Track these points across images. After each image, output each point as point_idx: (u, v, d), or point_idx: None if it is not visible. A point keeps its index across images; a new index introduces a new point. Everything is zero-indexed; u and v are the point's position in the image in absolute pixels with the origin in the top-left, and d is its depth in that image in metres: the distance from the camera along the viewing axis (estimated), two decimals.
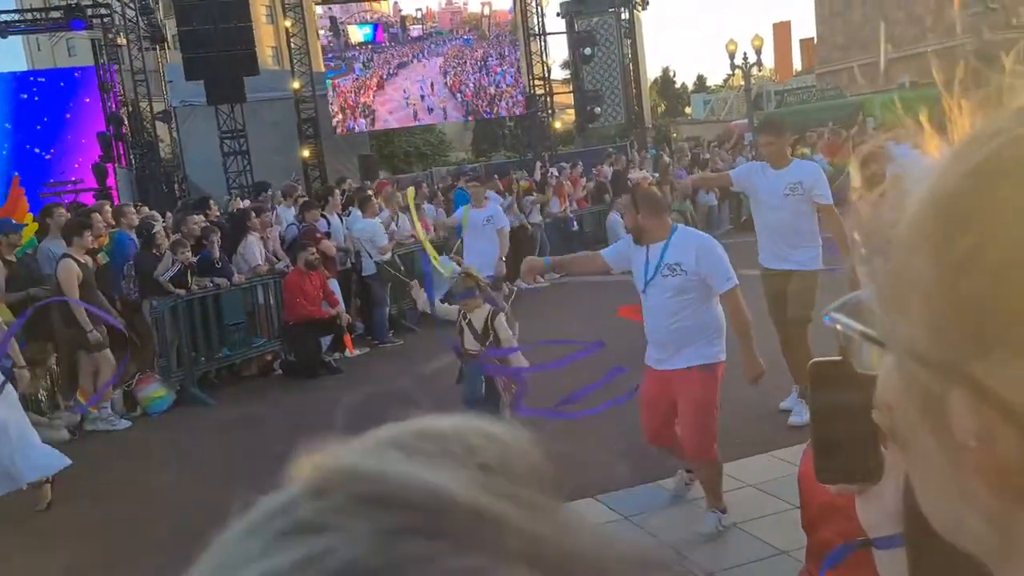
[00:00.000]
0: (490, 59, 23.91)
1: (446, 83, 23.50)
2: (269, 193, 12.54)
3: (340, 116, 22.47)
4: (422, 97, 23.31)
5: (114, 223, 8.91)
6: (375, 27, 23.14)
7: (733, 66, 25.16)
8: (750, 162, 8.03)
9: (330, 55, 22.82)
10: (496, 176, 14.08)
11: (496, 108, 24.24)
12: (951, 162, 0.43)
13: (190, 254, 8.31)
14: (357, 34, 22.97)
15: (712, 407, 4.27)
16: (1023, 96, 0.43)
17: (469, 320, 5.01)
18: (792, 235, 5.57)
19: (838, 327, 0.52)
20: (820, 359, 0.74)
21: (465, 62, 23.65)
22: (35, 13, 24.01)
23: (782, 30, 42.80)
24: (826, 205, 5.50)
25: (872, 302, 0.47)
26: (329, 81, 22.44)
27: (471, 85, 23.79)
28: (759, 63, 25.96)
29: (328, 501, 0.32)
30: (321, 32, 22.95)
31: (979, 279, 0.39)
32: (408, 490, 0.31)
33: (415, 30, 23.56)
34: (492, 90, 23.89)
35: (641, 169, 16.05)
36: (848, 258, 0.51)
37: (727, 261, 4.22)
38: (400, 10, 23.32)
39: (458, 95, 23.71)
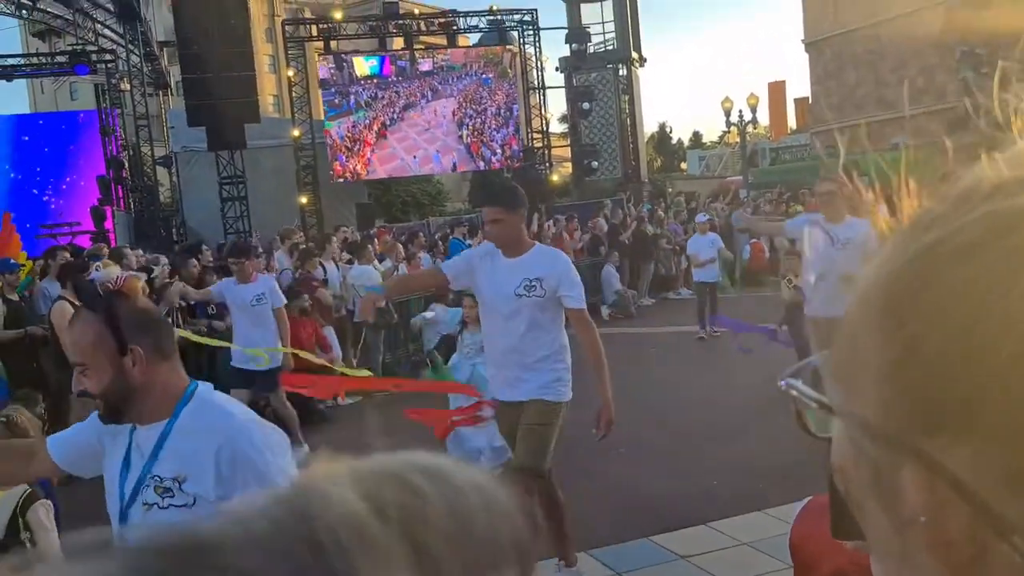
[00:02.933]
0: (514, 106, 23.89)
1: (461, 135, 23.55)
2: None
3: (336, 166, 22.62)
4: (427, 151, 23.33)
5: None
6: (382, 59, 23.07)
7: (729, 123, 25.59)
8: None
9: (332, 90, 22.79)
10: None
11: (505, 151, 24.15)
12: (898, 245, 0.44)
13: (177, 298, 8.31)
14: (363, 66, 22.98)
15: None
16: (965, 181, 0.43)
17: None
18: None
19: (792, 393, 0.52)
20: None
21: (484, 108, 23.69)
22: (41, 57, 24.35)
23: (777, 89, 43.46)
24: None
25: (824, 373, 0.47)
26: (329, 122, 22.62)
27: (488, 133, 23.72)
28: (754, 121, 26.40)
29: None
30: (323, 64, 22.88)
31: (920, 368, 0.40)
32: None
33: (425, 63, 23.57)
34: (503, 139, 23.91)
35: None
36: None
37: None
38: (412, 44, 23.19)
39: (471, 145, 23.64)
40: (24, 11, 20.82)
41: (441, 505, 0.40)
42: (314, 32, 23.27)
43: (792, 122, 47.12)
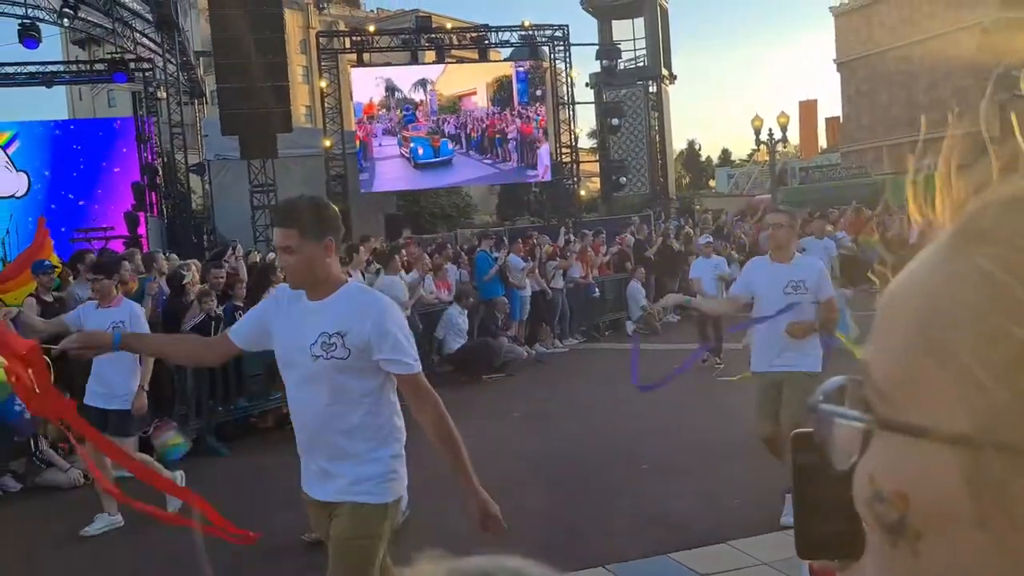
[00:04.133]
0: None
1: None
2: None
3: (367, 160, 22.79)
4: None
5: (144, 270, 9.06)
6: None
7: (759, 141, 25.45)
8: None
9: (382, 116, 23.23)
10: (519, 239, 14.21)
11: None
12: (956, 249, 0.44)
13: (215, 304, 8.40)
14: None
15: None
16: (1008, 188, 0.44)
17: None
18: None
19: (824, 419, 0.50)
20: (802, 430, 0.74)
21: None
22: (80, 65, 24.83)
23: (808, 108, 43.25)
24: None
25: (870, 392, 0.46)
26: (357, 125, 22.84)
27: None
28: (784, 139, 26.25)
29: None
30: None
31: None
32: None
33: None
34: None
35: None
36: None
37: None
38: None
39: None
40: (65, 19, 21.25)
41: None
42: (347, 44, 23.55)
43: (823, 141, 46.85)
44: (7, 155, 22.02)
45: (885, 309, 0.47)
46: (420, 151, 23.34)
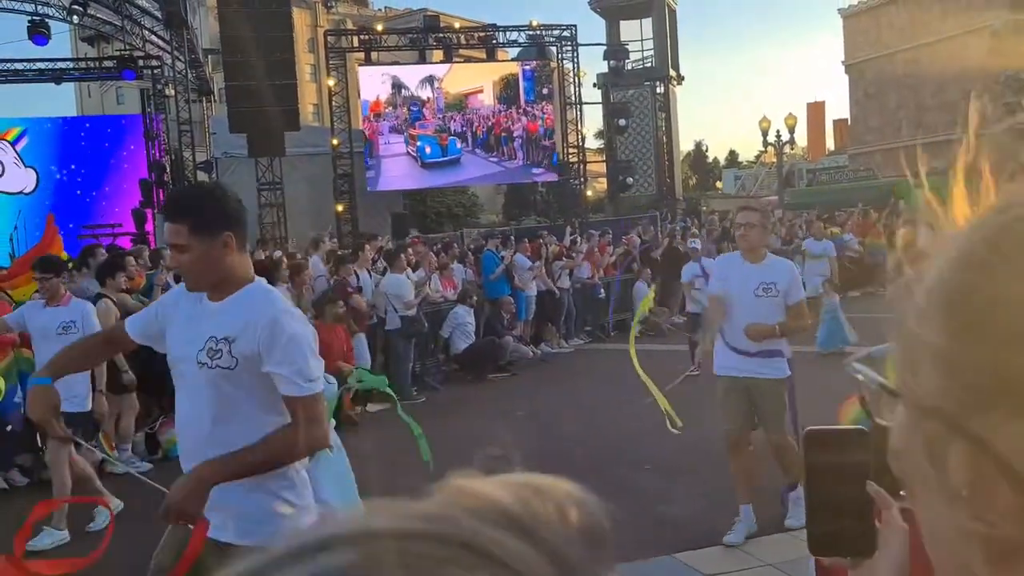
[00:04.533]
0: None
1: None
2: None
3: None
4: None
5: (152, 266, 9.09)
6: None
7: (766, 143, 25.45)
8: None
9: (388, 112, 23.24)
10: (526, 239, 14.21)
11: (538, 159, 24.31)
12: (965, 235, 0.47)
13: None
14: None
15: None
16: (1006, 192, 0.48)
17: None
18: None
19: (859, 377, 0.55)
20: (815, 428, 0.74)
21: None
22: (89, 62, 24.90)
23: (816, 110, 43.18)
24: None
25: (889, 358, 0.50)
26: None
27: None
28: (792, 141, 26.24)
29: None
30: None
31: (984, 346, 0.43)
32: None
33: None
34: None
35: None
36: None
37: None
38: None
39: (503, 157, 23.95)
40: (75, 16, 21.32)
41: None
42: (355, 43, 23.57)
43: (830, 143, 46.76)
44: (16, 151, 22.10)
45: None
46: (427, 150, 23.30)
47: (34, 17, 20.10)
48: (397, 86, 23.12)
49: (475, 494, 0.39)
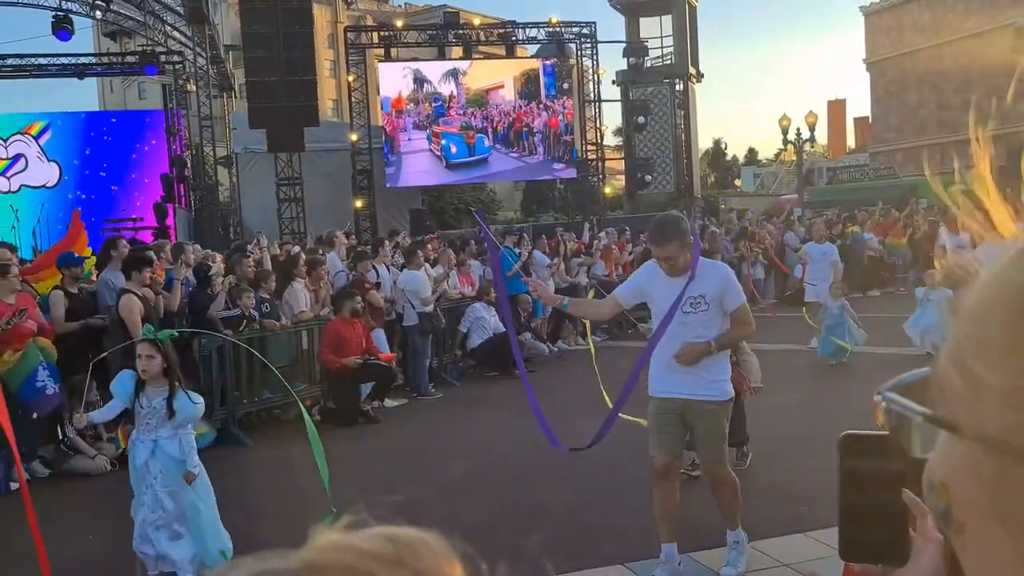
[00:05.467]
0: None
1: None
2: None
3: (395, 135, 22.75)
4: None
5: (172, 260, 9.16)
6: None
7: (786, 141, 25.28)
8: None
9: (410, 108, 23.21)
10: (544, 236, 14.21)
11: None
12: (1015, 262, 0.44)
13: (253, 303, 8.50)
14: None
15: None
16: None
17: None
18: None
19: (892, 408, 0.52)
20: (852, 432, 0.73)
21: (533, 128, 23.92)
22: (112, 57, 25.12)
23: (837, 108, 42.89)
24: None
25: (934, 386, 0.47)
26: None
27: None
28: (812, 139, 26.07)
29: None
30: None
31: None
32: None
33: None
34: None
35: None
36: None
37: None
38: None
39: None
40: (98, 12, 21.50)
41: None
42: (375, 39, 23.63)
43: (851, 141, 46.41)
44: (39, 145, 22.33)
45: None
46: (453, 149, 23.18)
47: (58, 12, 20.30)
48: (419, 80, 23.11)
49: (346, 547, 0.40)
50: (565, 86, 24.09)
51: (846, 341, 10.04)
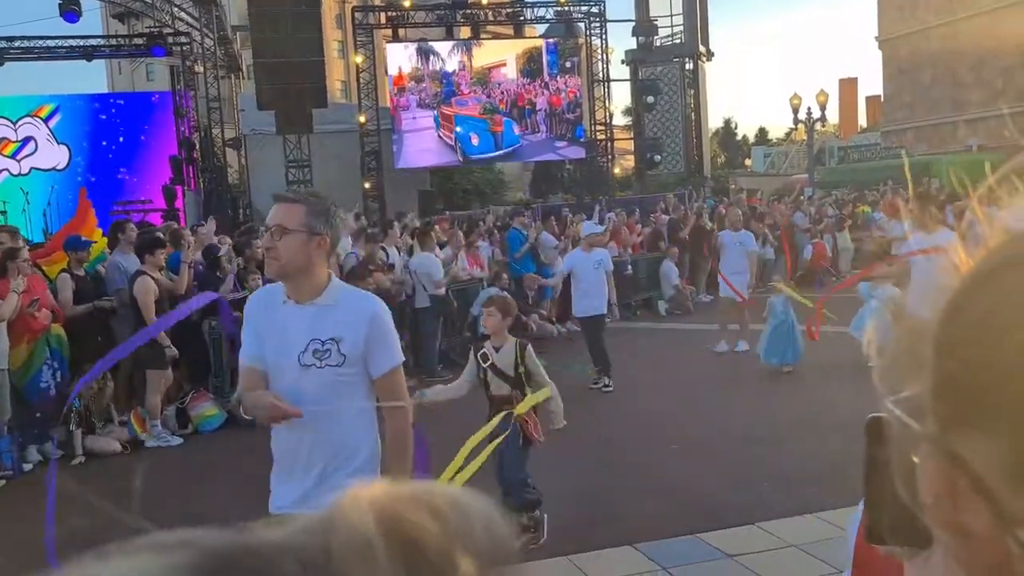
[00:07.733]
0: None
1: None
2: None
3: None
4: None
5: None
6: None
7: (796, 120, 25.09)
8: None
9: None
10: (552, 217, 14.17)
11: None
12: (978, 259, 0.47)
13: (260, 285, 8.52)
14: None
15: None
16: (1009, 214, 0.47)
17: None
18: None
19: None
20: (879, 415, 0.73)
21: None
22: (119, 39, 25.07)
23: (848, 86, 42.44)
24: None
25: (889, 372, 0.51)
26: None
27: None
28: (823, 118, 25.83)
29: None
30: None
31: (954, 367, 0.44)
32: None
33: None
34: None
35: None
36: None
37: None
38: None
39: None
40: None
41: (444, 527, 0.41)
42: (383, 20, 23.51)
43: (862, 120, 46.02)
44: (48, 128, 22.35)
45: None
46: (475, 140, 22.71)
47: None
48: (424, 52, 22.84)
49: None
50: (568, 64, 23.92)
51: (793, 348, 8.69)
